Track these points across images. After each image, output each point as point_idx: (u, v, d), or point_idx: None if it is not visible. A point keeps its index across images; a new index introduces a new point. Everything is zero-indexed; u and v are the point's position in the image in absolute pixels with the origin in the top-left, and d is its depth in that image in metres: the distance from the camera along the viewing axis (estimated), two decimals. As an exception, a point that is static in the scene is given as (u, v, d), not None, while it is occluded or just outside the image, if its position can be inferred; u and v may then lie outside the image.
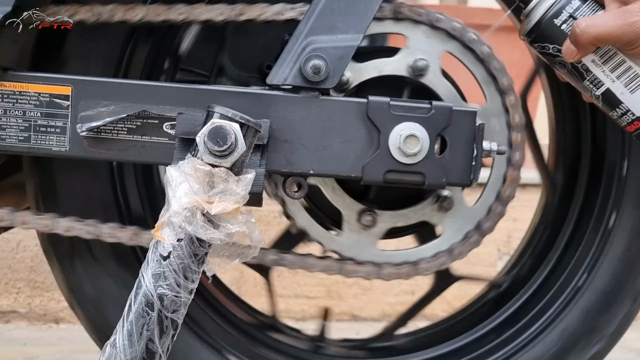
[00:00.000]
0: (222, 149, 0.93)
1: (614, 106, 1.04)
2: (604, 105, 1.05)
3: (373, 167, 1.08)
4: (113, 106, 1.06)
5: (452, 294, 2.52)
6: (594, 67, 1.03)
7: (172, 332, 0.96)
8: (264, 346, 1.32)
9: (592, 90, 1.04)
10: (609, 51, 1.02)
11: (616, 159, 1.29)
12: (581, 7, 1.01)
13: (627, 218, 1.29)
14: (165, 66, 1.26)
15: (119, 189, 1.21)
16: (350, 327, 2.41)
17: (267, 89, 1.09)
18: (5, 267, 2.31)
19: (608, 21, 0.98)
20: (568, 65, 1.04)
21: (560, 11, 1.02)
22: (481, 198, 1.19)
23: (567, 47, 1.01)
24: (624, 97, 1.02)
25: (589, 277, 1.30)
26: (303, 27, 1.07)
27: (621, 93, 1.03)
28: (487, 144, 1.10)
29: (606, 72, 1.02)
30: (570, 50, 1.01)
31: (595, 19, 0.99)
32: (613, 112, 1.04)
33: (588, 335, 1.30)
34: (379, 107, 1.08)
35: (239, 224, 0.95)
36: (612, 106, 1.04)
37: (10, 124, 1.06)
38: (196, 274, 0.96)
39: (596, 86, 1.04)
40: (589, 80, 1.04)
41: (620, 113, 1.04)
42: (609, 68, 1.02)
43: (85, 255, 1.21)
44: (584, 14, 1.01)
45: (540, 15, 1.03)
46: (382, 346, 1.46)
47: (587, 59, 1.02)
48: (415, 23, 1.14)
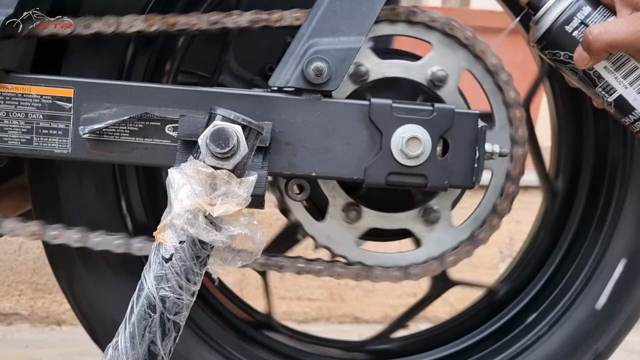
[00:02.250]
0: (224, 151, 0.93)
1: (626, 113, 1.03)
2: (617, 112, 1.04)
3: (375, 170, 1.08)
4: (115, 108, 1.06)
5: (454, 296, 2.52)
6: (606, 74, 1.02)
7: (174, 335, 0.96)
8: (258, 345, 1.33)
9: (604, 97, 1.04)
10: (622, 57, 1.01)
11: (618, 166, 1.29)
12: (592, 13, 1.01)
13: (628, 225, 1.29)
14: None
15: (122, 192, 1.21)
16: (352, 329, 2.41)
17: (269, 91, 1.09)
18: (7, 270, 2.31)
19: (621, 28, 0.97)
20: (580, 72, 1.04)
21: (572, 18, 1.01)
22: (467, 221, 1.20)
23: (579, 54, 1.01)
24: (637, 103, 1.02)
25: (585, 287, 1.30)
26: (305, 30, 1.07)
27: (634, 99, 1.02)
28: (489, 146, 1.10)
29: (618, 79, 1.02)
30: (582, 57, 1.00)
31: (608, 25, 0.98)
32: (625, 119, 1.04)
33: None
34: (381, 110, 1.08)
35: (241, 226, 0.95)
36: (624, 113, 1.04)
37: (12, 126, 1.06)
38: (198, 276, 0.96)
39: (608, 93, 1.03)
40: (601, 87, 1.03)
41: (633, 119, 1.03)
42: (622, 75, 1.02)
43: (86, 256, 1.21)
44: (595, 20, 1.00)
45: (551, 22, 1.02)
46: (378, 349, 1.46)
47: (599, 66, 1.02)
48: (445, 35, 1.14)
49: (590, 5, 1.01)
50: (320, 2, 1.08)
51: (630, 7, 0.98)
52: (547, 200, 1.41)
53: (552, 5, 1.03)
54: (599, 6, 1.01)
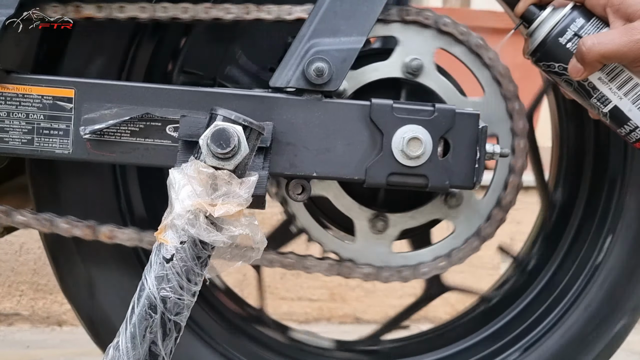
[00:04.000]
0: (225, 151, 0.93)
1: (621, 123, 1.04)
2: (612, 123, 1.05)
3: (376, 170, 1.08)
4: (116, 109, 1.06)
5: (455, 297, 2.52)
6: (600, 85, 1.03)
7: (175, 335, 0.96)
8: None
9: (599, 108, 1.04)
10: (616, 68, 1.01)
11: (617, 177, 1.29)
12: (586, 25, 1.01)
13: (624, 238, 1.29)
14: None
15: (122, 192, 1.21)
16: (353, 329, 2.41)
17: (270, 92, 1.09)
18: (8, 270, 2.31)
19: (614, 39, 0.97)
20: (574, 83, 1.04)
21: (565, 30, 1.02)
22: (489, 190, 1.19)
23: (573, 65, 1.01)
24: (632, 113, 1.02)
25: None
26: (306, 30, 1.08)
27: (629, 110, 1.02)
28: (490, 147, 1.10)
29: (613, 90, 1.02)
30: (576, 69, 1.01)
31: (601, 36, 0.99)
32: (621, 129, 1.04)
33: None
34: (382, 110, 1.08)
35: (242, 226, 0.95)
36: (620, 123, 1.04)
37: (13, 127, 1.06)
38: (199, 276, 0.96)
39: (603, 104, 1.04)
40: (596, 98, 1.04)
41: (629, 130, 1.04)
42: (616, 85, 1.02)
43: (87, 257, 1.21)
44: (588, 32, 1.01)
45: (545, 34, 1.03)
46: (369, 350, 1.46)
47: (593, 77, 1.02)
48: (405, 23, 1.14)
49: (584, 17, 1.02)
50: (320, 3, 1.08)
51: (623, 19, 0.98)
52: (545, 211, 1.41)
53: (545, 17, 1.03)
54: (592, 18, 1.02)
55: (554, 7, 1.04)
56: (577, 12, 1.02)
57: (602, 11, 1.00)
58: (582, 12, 1.02)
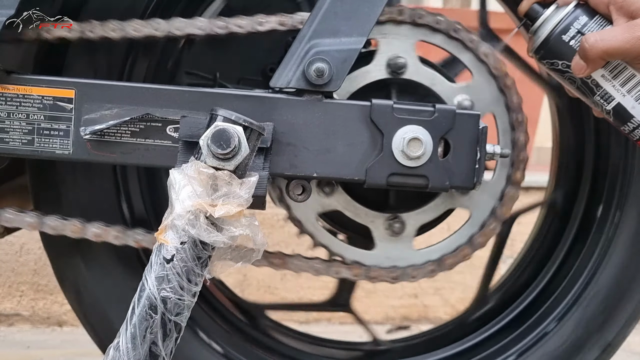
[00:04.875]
0: (226, 152, 0.93)
1: (625, 120, 1.04)
2: (615, 120, 1.05)
3: (376, 170, 1.08)
4: (116, 109, 1.06)
5: (455, 298, 2.52)
6: (603, 82, 1.03)
7: (175, 335, 0.96)
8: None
9: (602, 105, 1.04)
10: (619, 65, 1.02)
11: (617, 179, 1.29)
12: (589, 22, 1.01)
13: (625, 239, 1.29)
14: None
15: (122, 192, 1.22)
16: (354, 330, 2.41)
17: (270, 92, 1.09)
18: (8, 270, 2.31)
19: (617, 35, 0.98)
20: (578, 80, 1.04)
21: (569, 27, 1.02)
22: (496, 170, 1.19)
23: (576, 62, 1.01)
24: (635, 110, 1.03)
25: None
26: (306, 30, 1.07)
27: (632, 107, 1.03)
28: (490, 147, 1.10)
29: (616, 87, 1.02)
30: (579, 66, 1.01)
31: (604, 33, 0.99)
32: (624, 127, 1.04)
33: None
34: (382, 110, 1.08)
35: (242, 226, 0.95)
36: (623, 121, 1.04)
37: (13, 127, 1.06)
38: (199, 276, 0.96)
39: (607, 101, 1.04)
40: (599, 95, 1.04)
41: (632, 127, 1.04)
42: (619, 82, 1.02)
43: (88, 258, 1.21)
44: (591, 29, 1.01)
45: (548, 31, 1.03)
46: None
47: (596, 74, 1.02)
48: (380, 24, 1.13)
49: (587, 15, 1.02)
50: (321, 3, 1.08)
51: (626, 16, 0.98)
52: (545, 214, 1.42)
53: (549, 15, 1.03)
54: (595, 16, 1.02)
55: (557, 5, 1.04)
56: (581, 10, 1.02)
57: (605, 9, 1.00)
58: (585, 9, 1.02)
